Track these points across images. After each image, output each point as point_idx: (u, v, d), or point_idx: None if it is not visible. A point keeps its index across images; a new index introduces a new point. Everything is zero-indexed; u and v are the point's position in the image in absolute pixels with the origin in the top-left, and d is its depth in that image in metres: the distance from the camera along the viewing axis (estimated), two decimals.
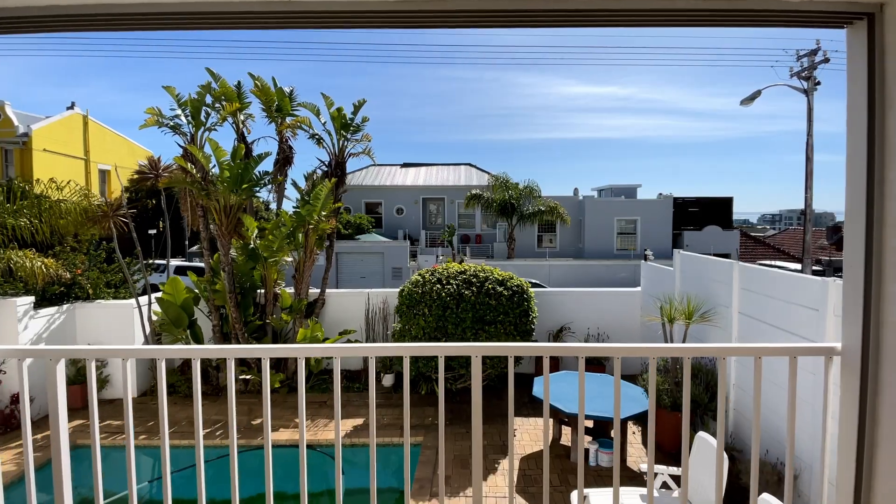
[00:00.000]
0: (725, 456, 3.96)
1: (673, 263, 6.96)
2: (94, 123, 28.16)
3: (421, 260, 23.70)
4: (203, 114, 7.00)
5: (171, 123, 6.98)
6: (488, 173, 26.54)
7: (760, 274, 4.94)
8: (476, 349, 2.09)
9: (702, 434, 4.38)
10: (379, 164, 32.59)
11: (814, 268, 23.40)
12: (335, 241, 7.95)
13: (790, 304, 4.48)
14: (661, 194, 26.72)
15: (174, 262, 19.26)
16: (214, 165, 6.75)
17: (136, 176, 7.25)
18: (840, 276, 4.90)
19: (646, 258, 8.45)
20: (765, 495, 3.52)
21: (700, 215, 27.06)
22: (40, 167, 24.38)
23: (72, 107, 28.16)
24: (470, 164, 32.96)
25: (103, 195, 28.87)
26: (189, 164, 6.49)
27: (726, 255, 24.43)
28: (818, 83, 10.22)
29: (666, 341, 5.94)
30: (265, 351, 2.18)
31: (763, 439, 4.76)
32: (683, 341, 5.79)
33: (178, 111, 6.97)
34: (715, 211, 27.26)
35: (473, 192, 23.89)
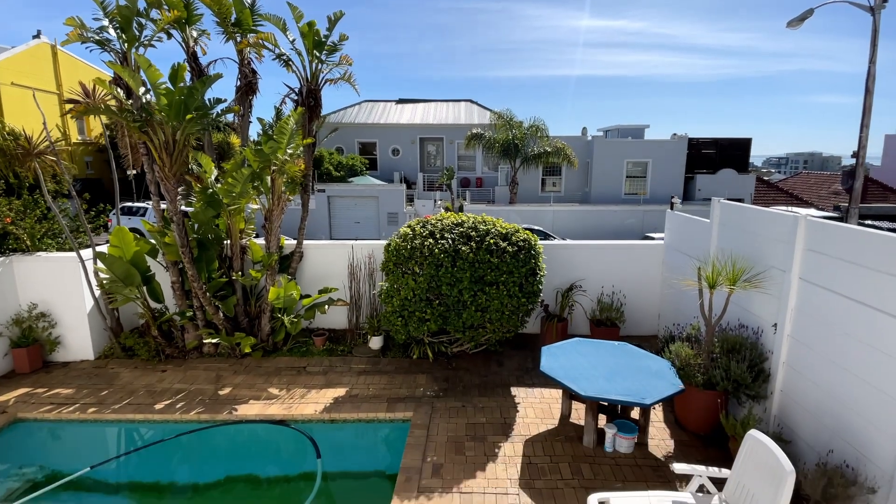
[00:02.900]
0: (791, 469, 3.07)
1: (710, 214, 5.84)
2: (65, 54, 25.82)
3: (418, 205, 22.46)
4: (135, 25, 5.57)
5: (98, 38, 5.57)
6: (491, 111, 24.66)
7: (842, 233, 3.84)
8: None
9: (754, 433, 3.49)
10: (373, 101, 30.43)
11: (831, 214, 22.26)
12: (314, 183, 6.75)
13: (883, 274, 3.42)
14: (675, 135, 24.97)
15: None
16: (149, 90, 5.43)
17: (68, 106, 5.94)
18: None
19: (672, 206, 7.31)
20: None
21: (715, 158, 25.47)
22: (9, 103, 22.52)
23: (38, 35, 25.69)
24: (471, 101, 30.80)
25: (82, 133, 27.16)
26: (117, 90, 5.19)
27: (740, 201, 23.22)
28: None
29: (703, 311, 4.95)
30: None
31: (829, 436, 3.88)
32: (724, 310, 4.80)
33: (105, 21, 5.53)
34: (731, 153, 25.63)
35: (474, 131, 22.19)
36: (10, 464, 5.06)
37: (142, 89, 5.35)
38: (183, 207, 7.31)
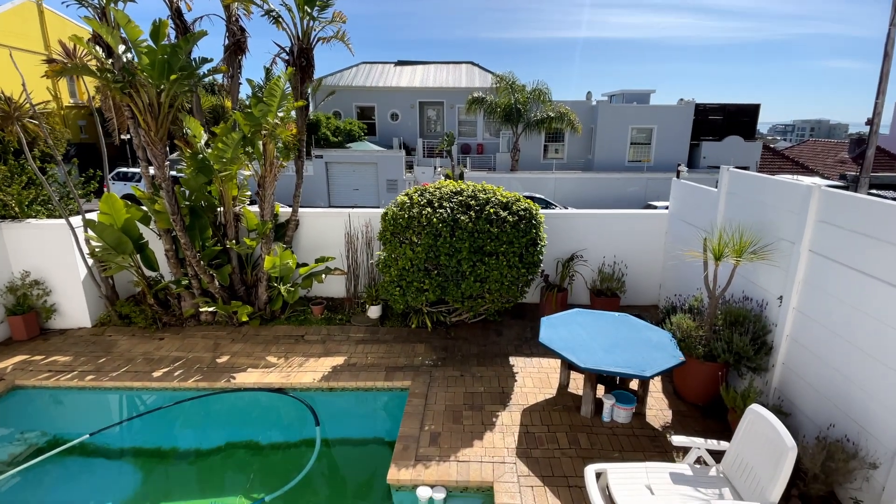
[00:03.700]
0: (793, 445, 3.04)
1: (718, 183, 5.65)
2: (52, 13, 24.76)
3: (417, 171, 22.10)
4: None
5: None
6: (492, 73, 23.90)
7: (858, 205, 3.67)
8: None
9: (755, 408, 3.45)
10: (370, 62, 29.47)
11: (836, 183, 21.94)
12: (311, 148, 6.51)
13: None
14: (681, 100, 24.29)
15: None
16: (129, 49, 5.10)
17: (46, 66, 5.60)
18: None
19: (678, 174, 7.11)
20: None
21: (722, 124, 24.86)
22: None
23: None
24: (472, 63, 29.83)
25: (73, 96, 26.41)
26: (96, 48, 4.88)
27: (745, 168, 22.80)
28: None
29: (707, 283, 4.85)
30: None
31: (830, 410, 3.84)
32: (728, 282, 4.69)
33: None
34: (738, 119, 25.00)
35: (476, 95, 21.55)
36: (10, 431, 5.09)
37: (121, 47, 5.04)
38: (174, 173, 7.11)
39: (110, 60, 5.01)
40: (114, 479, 4.61)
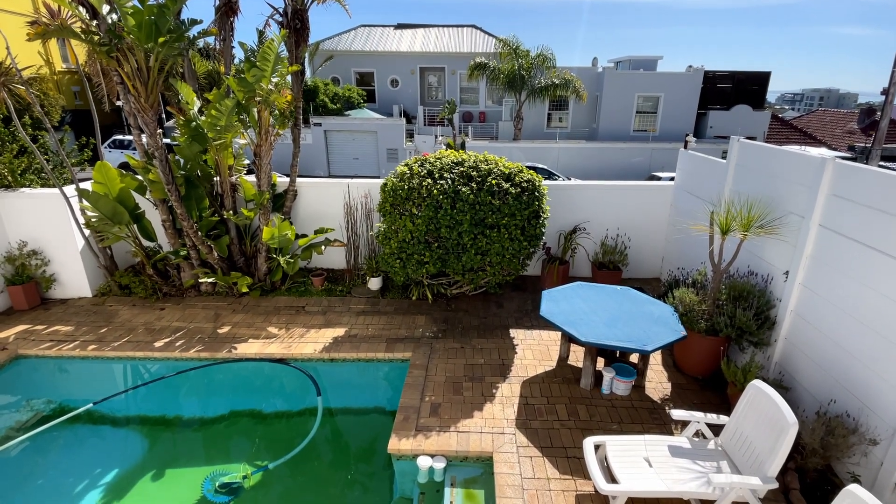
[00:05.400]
0: (795, 421, 3.03)
1: (728, 154, 5.50)
2: None
3: (418, 140, 21.71)
4: None
5: None
6: (496, 37, 23.10)
7: (875, 179, 3.55)
8: None
9: (757, 384, 3.44)
10: (369, 25, 28.48)
11: (844, 154, 21.53)
12: (309, 116, 6.31)
13: None
14: (690, 67, 23.56)
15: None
16: (114, 10, 4.84)
17: (28, 28, 5.34)
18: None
19: (686, 145, 6.91)
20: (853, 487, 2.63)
21: (730, 93, 24.20)
22: None
23: None
24: (475, 27, 28.83)
25: (66, 61, 25.64)
26: (79, 8, 4.63)
27: (752, 139, 22.34)
28: None
29: (712, 258, 4.77)
30: None
31: (832, 386, 3.84)
32: (734, 256, 4.62)
33: None
34: (748, 88, 24.32)
35: (478, 60, 20.89)
36: (15, 399, 5.15)
37: (106, 8, 4.78)
38: (168, 141, 6.93)
39: (95, 22, 4.77)
40: (120, 445, 4.69)
